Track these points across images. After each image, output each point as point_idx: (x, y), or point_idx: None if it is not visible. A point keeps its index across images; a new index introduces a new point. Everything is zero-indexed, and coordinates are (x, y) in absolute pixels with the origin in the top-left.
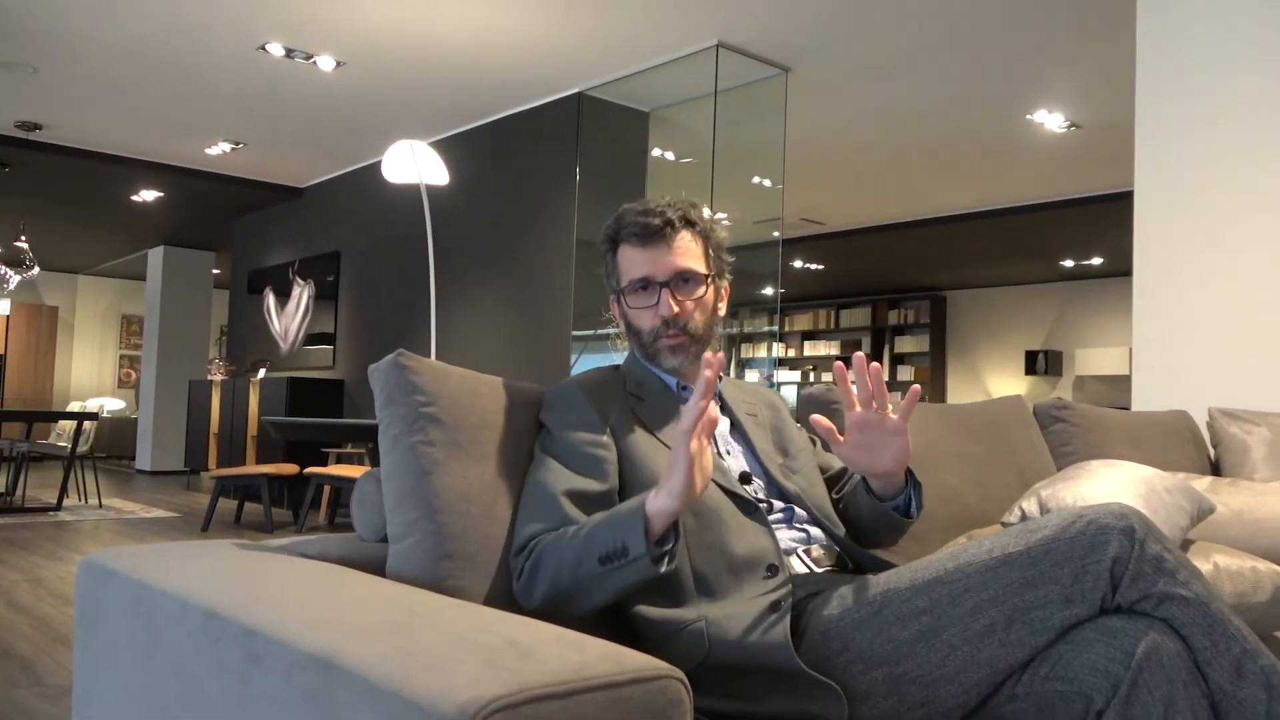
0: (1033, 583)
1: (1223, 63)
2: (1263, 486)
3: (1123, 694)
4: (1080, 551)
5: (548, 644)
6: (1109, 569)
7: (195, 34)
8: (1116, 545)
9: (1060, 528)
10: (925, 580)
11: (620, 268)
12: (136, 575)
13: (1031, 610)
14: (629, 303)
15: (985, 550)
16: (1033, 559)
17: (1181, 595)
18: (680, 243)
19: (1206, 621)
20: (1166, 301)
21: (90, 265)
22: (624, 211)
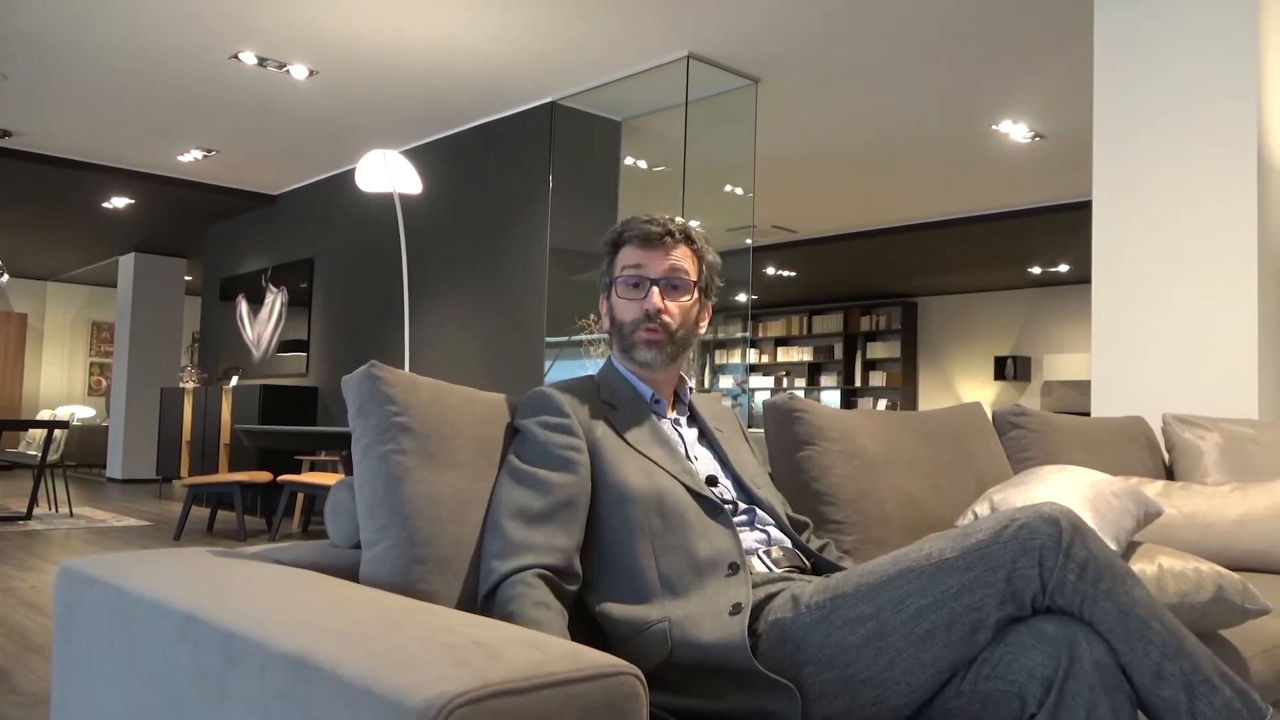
0: (969, 587)
1: (1176, 84)
2: (1213, 490)
3: (1051, 700)
4: (1011, 556)
5: (512, 644)
6: (1038, 573)
7: (167, 41)
8: (1044, 549)
9: (993, 532)
10: (870, 586)
11: (617, 264)
12: (114, 581)
13: (969, 613)
14: (619, 293)
15: (924, 555)
16: (968, 564)
17: (1103, 600)
18: (677, 252)
19: (1126, 626)
20: (1123, 311)
21: (60, 272)
22: (630, 219)
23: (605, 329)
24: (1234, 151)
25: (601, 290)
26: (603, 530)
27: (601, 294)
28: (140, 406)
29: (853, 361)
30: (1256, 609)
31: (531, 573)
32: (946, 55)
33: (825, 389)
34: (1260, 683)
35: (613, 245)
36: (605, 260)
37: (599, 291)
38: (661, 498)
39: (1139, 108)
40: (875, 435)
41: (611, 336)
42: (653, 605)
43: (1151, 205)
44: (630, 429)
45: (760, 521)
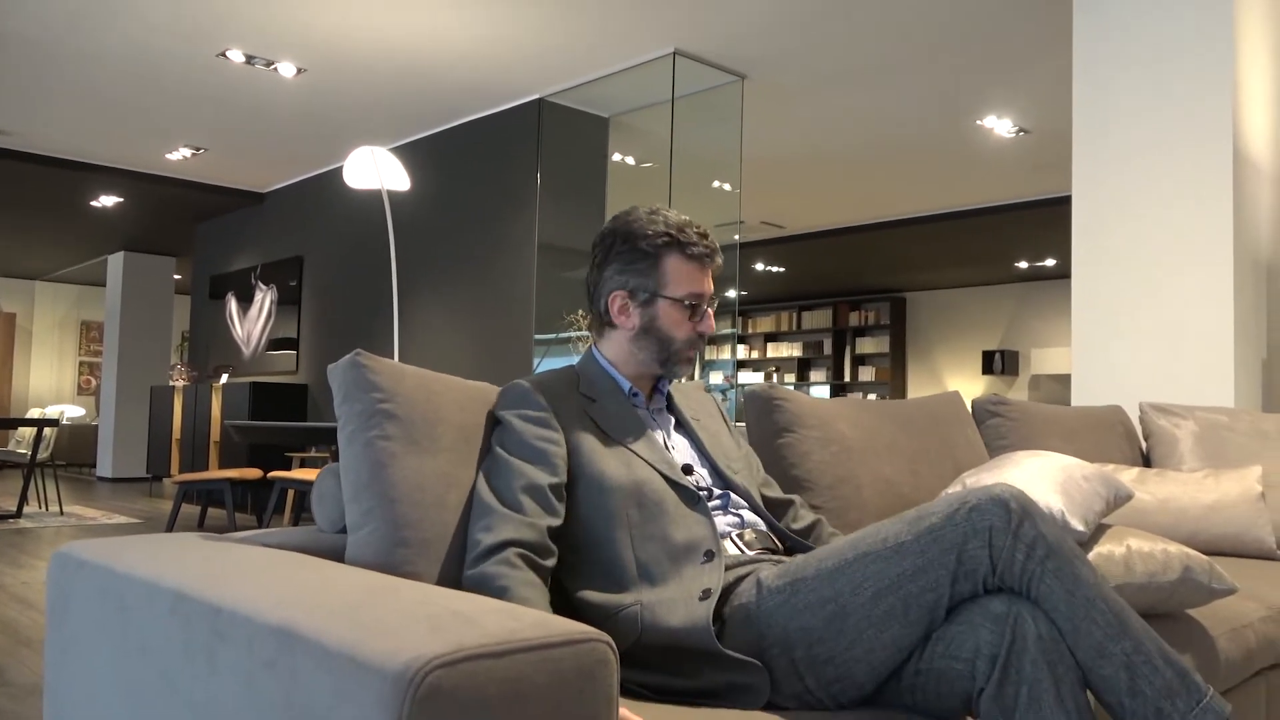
0: (923, 569)
1: (1154, 81)
2: (1187, 477)
3: (996, 674)
4: (962, 537)
5: (489, 613)
6: (988, 554)
7: (155, 40)
8: (994, 530)
9: (946, 515)
10: (829, 569)
11: (668, 275)
12: (105, 563)
13: (925, 594)
14: (672, 311)
15: (881, 539)
16: (922, 547)
17: (1049, 580)
18: (713, 269)
19: (1071, 605)
20: (1103, 303)
21: (49, 271)
22: (676, 220)
23: (627, 328)
24: (1210, 146)
25: (625, 289)
26: (582, 520)
27: (621, 291)
28: (130, 405)
29: (842, 357)
30: (1223, 589)
31: (514, 551)
32: (931, 52)
33: (815, 384)
34: (1228, 660)
35: (661, 246)
36: (637, 260)
37: (611, 285)
38: (639, 487)
39: (1117, 104)
40: (853, 423)
41: (643, 342)
42: (629, 592)
43: (1130, 200)
44: (609, 420)
45: (734, 505)
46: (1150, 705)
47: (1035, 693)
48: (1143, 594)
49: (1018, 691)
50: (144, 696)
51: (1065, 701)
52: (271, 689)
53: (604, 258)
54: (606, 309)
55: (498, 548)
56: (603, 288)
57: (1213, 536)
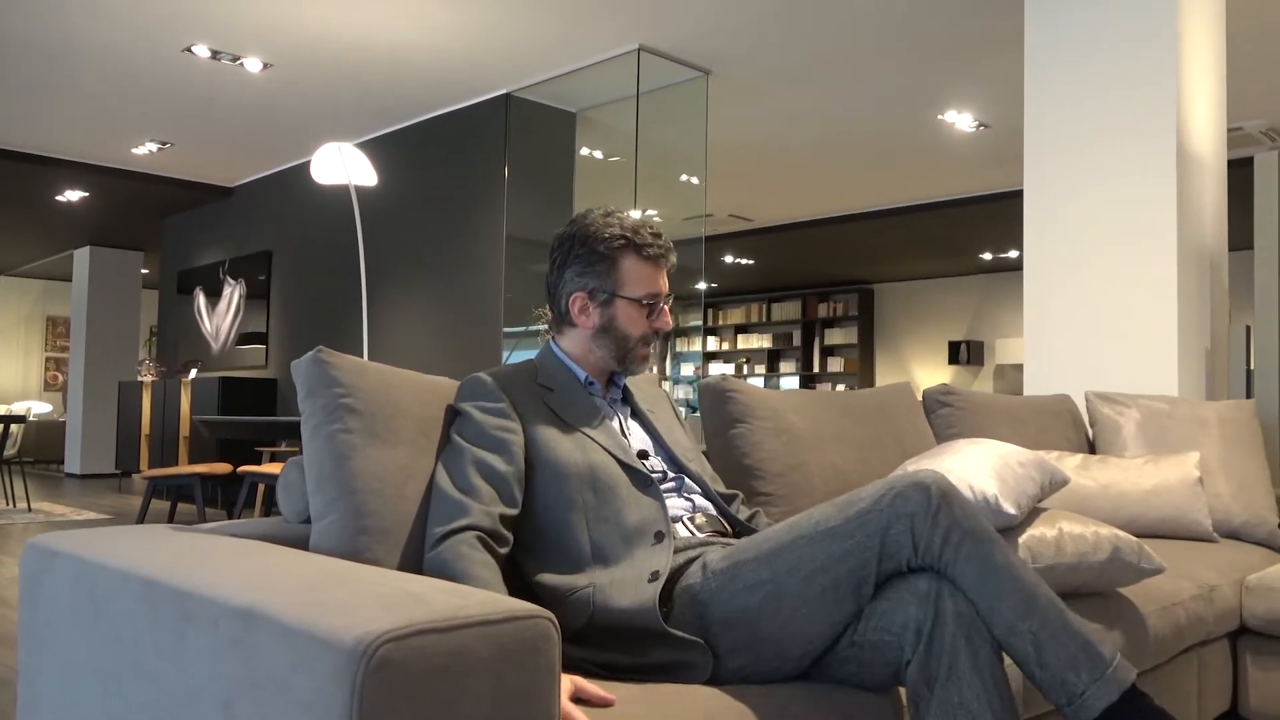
0: (851, 552)
1: (1100, 75)
2: (1128, 463)
3: (922, 648)
4: (886, 521)
5: (439, 593)
6: (909, 538)
7: (120, 34)
8: (915, 515)
9: (873, 500)
10: (767, 552)
11: (625, 275)
12: (77, 553)
13: (854, 574)
14: (630, 310)
15: (814, 524)
16: (850, 531)
17: (964, 562)
18: (668, 267)
19: (983, 585)
20: (1053, 294)
21: (13, 266)
22: (630, 223)
23: (587, 327)
24: (1155, 140)
25: (585, 290)
26: (539, 505)
27: (581, 292)
28: (98, 401)
29: (811, 348)
30: (1151, 568)
31: (471, 535)
32: (891, 47)
33: (785, 375)
34: (1158, 636)
35: (617, 247)
36: (595, 262)
37: (571, 287)
38: (594, 471)
39: (1065, 98)
40: (803, 413)
41: (600, 340)
42: (582, 573)
43: (1077, 192)
44: (566, 408)
45: (687, 489)
46: (1056, 676)
47: (954, 664)
48: (1074, 573)
49: (939, 663)
50: (115, 679)
51: (981, 671)
52: (236, 666)
53: (563, 260)
54: (567, 309)
55: (454, 532)
56: (563, 289)
57: (1152, 520)
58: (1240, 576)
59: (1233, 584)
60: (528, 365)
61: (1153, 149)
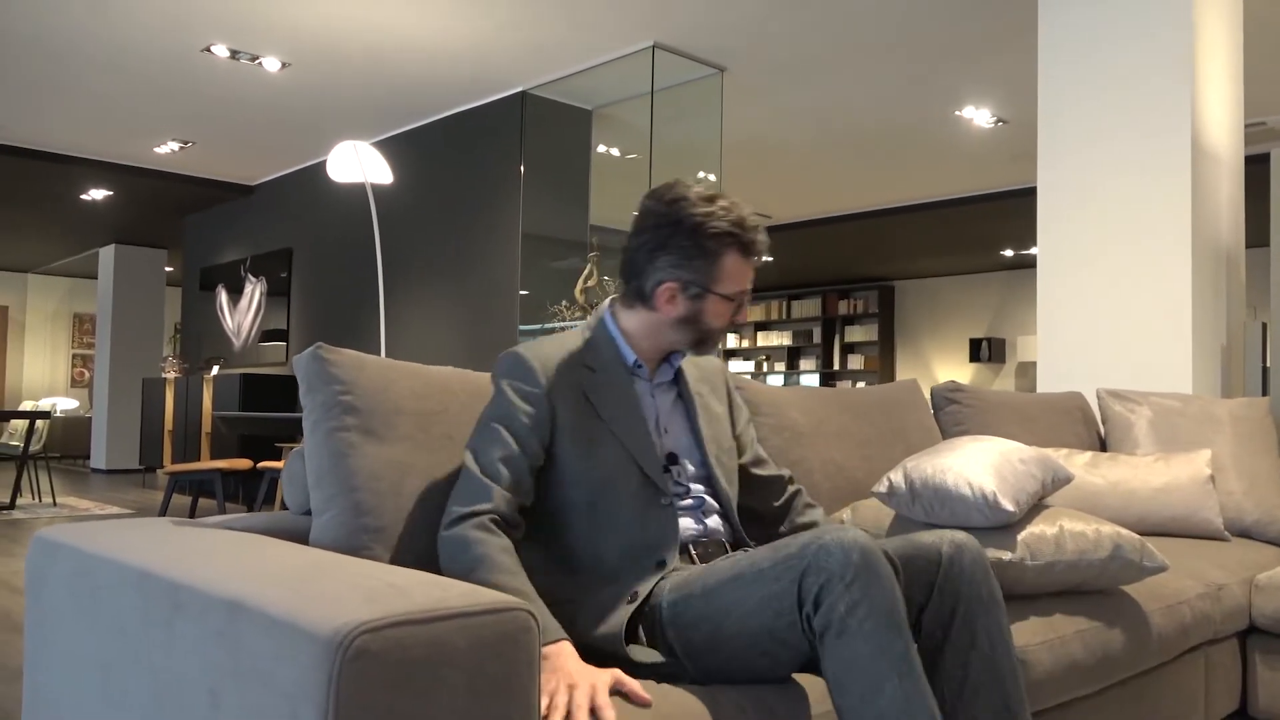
0: (777, 595)
1: (1115, 70)
2: (1138, 460)
3: None
4: (803, 569)
5: (421, 586)
6: (816, 591)
7: (140, 35)
8: (831, 574)
9: (800, 547)
10: (710, 589)
11: (723, 271)
12: (79, 545)
13: (780, 617)
14: (719, 306)
15: (750, 563)
16: (776, 575)
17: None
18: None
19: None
20: (1066, 292)
21: (40, 264)
22: (735, 215)
23: (669, 315)
24: (1168, 136)
25: (678, 281)
26: (546, 498)
27: (673, 283)
28: (123, 397)
29: (831, 345)
30: (1154, 566)
31: (489, 518)
32: (907, 44)
33: (805, 373)
34: (1161, 635)
35: (716, 246)
36: (696, 256)
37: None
38: (612, 479)
39: (1078, 93)
40: (805, 409)
41: (679, 328)
42: (569, 582)
43: (1090, 188)
44: (603, 396)
45: (706, 509)
46: None
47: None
48: (1073, 571)
49: None
50: (112, 666)
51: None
52: (222, 655)
53: (659, 244)
54: (653, 295)
55: (474, 514)
56: (653, 274)
57: (1162, 518)
58: (1250, 575)
59: (1242, 583)
60: (574, 337)
61: (1166, 144)
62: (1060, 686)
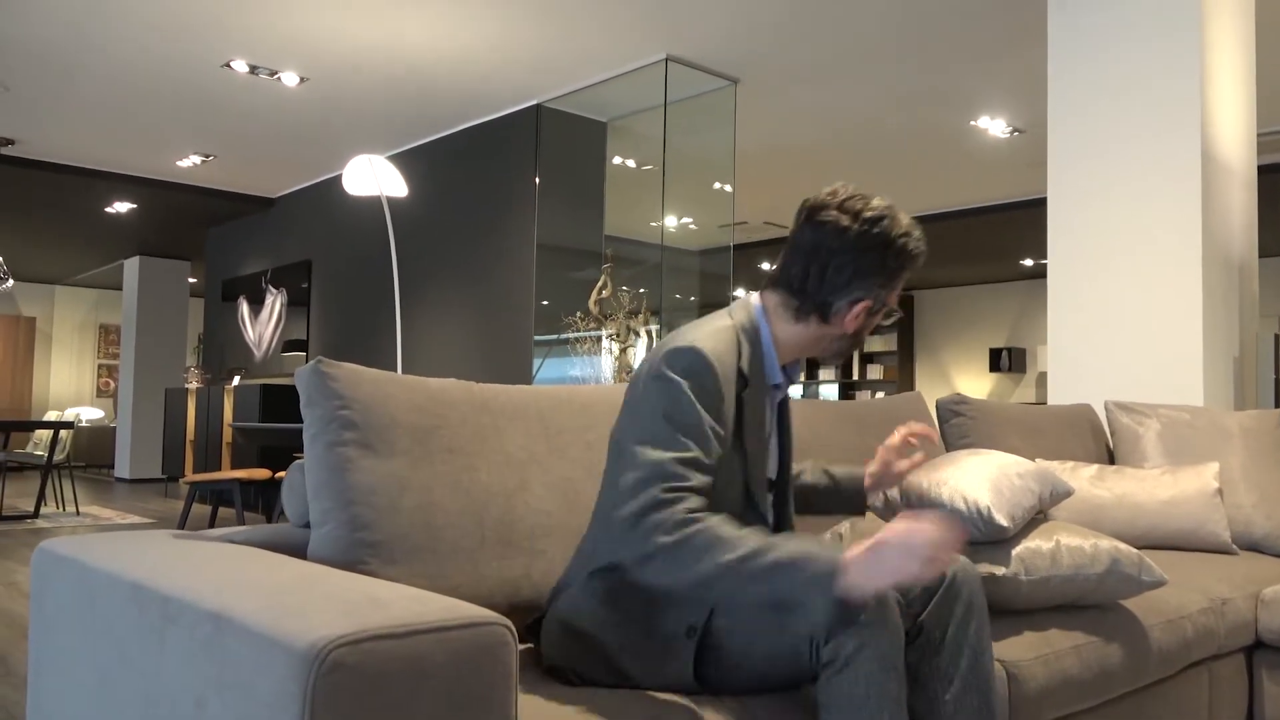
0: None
1: (1123, 80)
2: (1144, 473)
3: None
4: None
5: (402, 600)
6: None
7: (161, 52)
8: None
9: None
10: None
11: (893, 286)
12: (79, 557)
13: (799, 644)
14: (874, 313)
15: None
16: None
17: (845, 674)
18: None
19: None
20: (1077, 302)
21: (67, 276)
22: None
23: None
24: (1178, 144)
25: (873, 298)
26: None
27: (869, 300)
28: (146, 407)
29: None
30: (1152, 580)
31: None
32: (919, 56)
33: (824, 383)
34: (1161, 650)
35: (897, 259)
36: (896, 279)
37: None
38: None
39: (1088, 102)
40: (805, 422)
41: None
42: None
43: (1100, 198)
44: (750, 410)
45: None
46: None
47: None
48: (1070, 585)
49: None
50: (108, 674)
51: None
52: (208, 666)
53: (862, 263)
54: (842, 311)
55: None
56: (849, 292)
57: (1169, 531)
58: (1257, 590)
59: (1248, 597)
60: (727, 334)
61: (1175, 153)
62: (1055, 701)
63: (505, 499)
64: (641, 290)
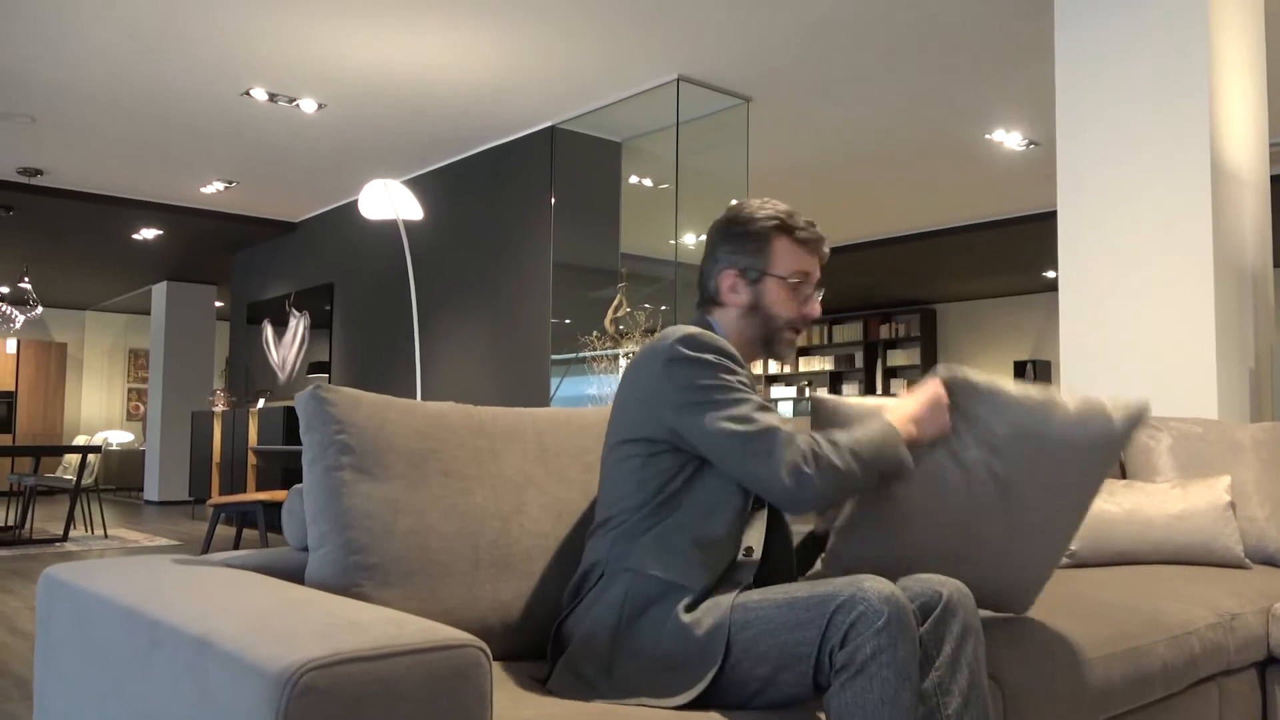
0: (803, 624)
1: (1129, 98)
2: (1154, 488)
3: None
4: (835, 608)
5: (379, 623)
6: (843, 632)
7: (182, 82)
8: (862, 617)
9: (838, 586)
10: (742, 601)
11: (777, 255)
12: (78, 584)
13: (800, 645)
14: (779, 290)
15: (785, 591)
16: (808, 605)
17: (873, 685)
18: (821, 261)
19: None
20: (1089, 315)
21: (97, 301)
22: (786, 213)
23: (736, 305)
24: (1187, 155)
25: (736, 268)
26: (703, 491)
27: (732, 269)
28: (174, 430)
29: (874, 370)
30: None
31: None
32: (932, 70)
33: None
34: (1166, 666)
35: (772, 230)
36: (749, 241)
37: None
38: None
39: (1096, 114)
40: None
41: (749, 319)
42: (703, 574)
43: (1110, 210)
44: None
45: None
46: None
47: None
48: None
49: None
50: (106, 698)
51: None
52: (191, 689)
53: (718, 239)
54: (717, 287)
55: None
56: (715, 267)
57: (1180, 546)
58: (1268, 604)
59: (1259, 612)
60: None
61: (1185, 165)
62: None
63: (501, 522)
64: (663, 307)
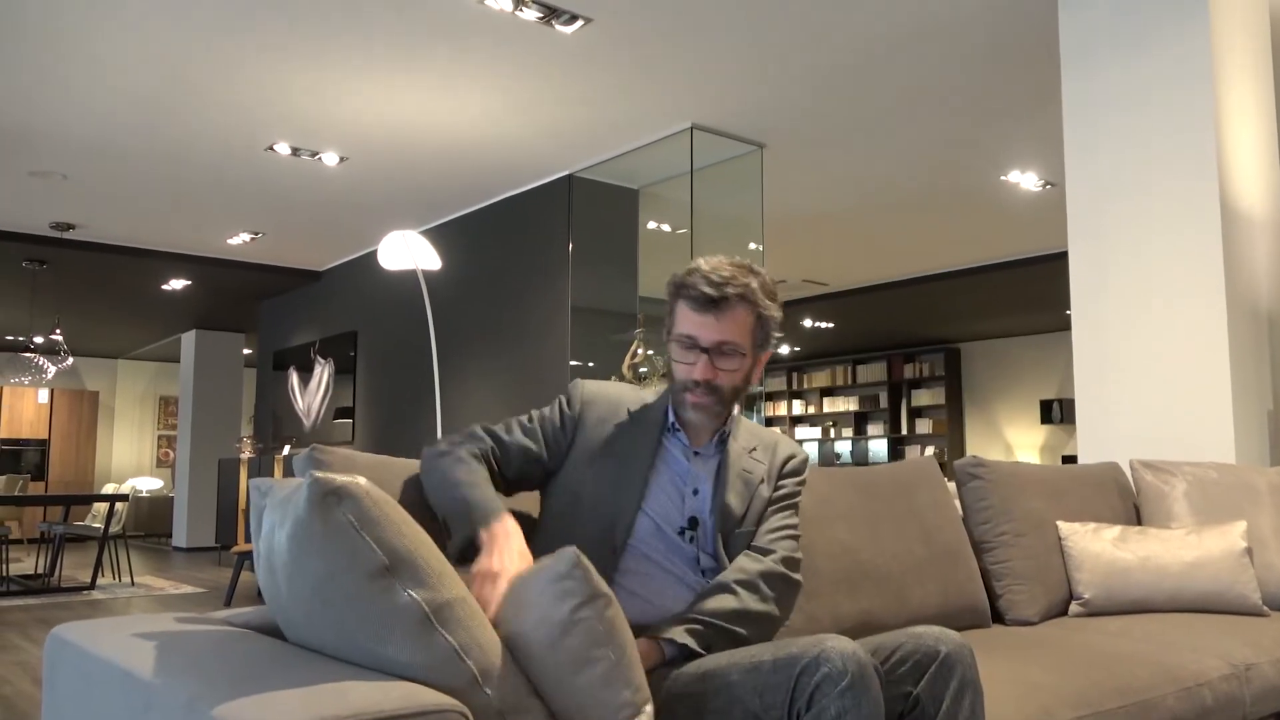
0: (770, 688)
1: (1137, 137)
2: (1169, 534)
3: None
4: (801, 668)
5: (365, 688)
6: (809, 694)
7: (210, 138)
8: (826, 679)
9: (802, 647)
10: (708, 669)
11: (677, 317)
12: (80, 644)
13: (768, 710)
14: (674, 351)
15: (748, 654)
16: (773, 668)
17: None
18: (731, 316)
19: None
20: (1103, 358)
21: (128, 350)
22: (694, 269)
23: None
24: (1196, 196)
25: (665, 330)
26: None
27: (664, 334)
28: (202, 477)
29: (898, 410)
30: None
31: (468, 451)
32: (946, 115)
33: (872, 438)
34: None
35: (671, 294)
36: (668, 303)
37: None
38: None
39: (1104, 155)
40: (811, 490)
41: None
42: None
43: (1120, 252)
44: (634, 448)
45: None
46: None
47: None
48: None
49: None
50: None
51: None
52: None
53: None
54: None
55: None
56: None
57: (1196, 594)
58: None
59: (1276, 661)
60: (637, 395)
61: (1194, 205)
62: None
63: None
64: None
